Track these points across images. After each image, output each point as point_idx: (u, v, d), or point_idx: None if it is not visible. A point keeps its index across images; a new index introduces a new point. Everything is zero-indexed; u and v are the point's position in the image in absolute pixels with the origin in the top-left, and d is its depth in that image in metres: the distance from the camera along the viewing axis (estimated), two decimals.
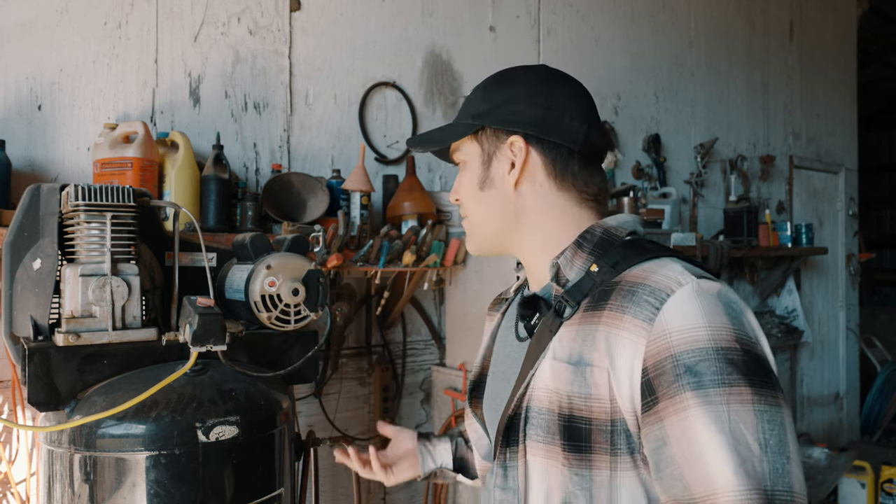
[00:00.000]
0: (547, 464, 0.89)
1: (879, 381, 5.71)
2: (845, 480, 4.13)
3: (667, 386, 0.78)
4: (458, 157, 1.06)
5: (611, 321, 0.84)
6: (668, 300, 0.80)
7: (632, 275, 0.87)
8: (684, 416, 0.76)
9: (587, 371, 0.84)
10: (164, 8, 2.09)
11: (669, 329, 0.79)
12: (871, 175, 8.20)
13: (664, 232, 2.86)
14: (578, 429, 0.85)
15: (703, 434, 0.75)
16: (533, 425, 0.91)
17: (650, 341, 0.79)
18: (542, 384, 0.91)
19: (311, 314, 1.46)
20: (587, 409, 0.84)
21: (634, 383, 0.81)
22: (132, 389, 1.24)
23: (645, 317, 0.81)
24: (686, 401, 0.76)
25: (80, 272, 1.29)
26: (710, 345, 0.77)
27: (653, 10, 3.76)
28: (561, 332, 0.91)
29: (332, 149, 2.46)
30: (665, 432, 0.78)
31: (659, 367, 0.79)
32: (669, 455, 0.78)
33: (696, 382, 0.76)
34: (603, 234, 0.96)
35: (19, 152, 1.84)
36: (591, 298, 0.90)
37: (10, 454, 1.80)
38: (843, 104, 5.36)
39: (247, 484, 1.32)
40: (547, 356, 0.92)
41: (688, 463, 0.76)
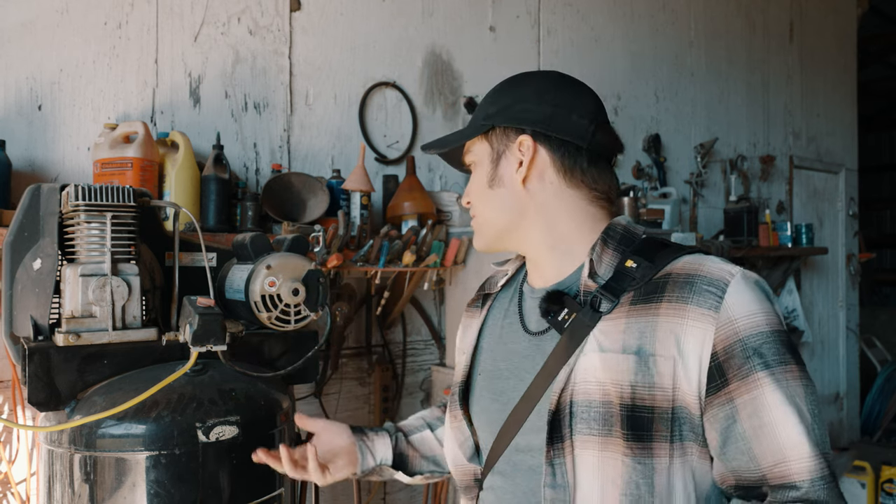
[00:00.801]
0: (602, 456, 0.89)
1: (879, 381, 5.71)
2: (845, 480, 4.13)
3: (738, 368, 0.85)
4: (469, 159, 1.08)
5: (673, 312, 0.88)
6: (728, 289, 0.87)
7: (679, 268, 0.91)
8: (757, 395, 0.84)
9: (650, 361, 0.87)
10: (164, 8, 2.09)
11: (734, 316, 0.86)
12: (871, 175, 8.20)
13: (664, 232, 2.86)
14: (641, 418, 0.87)
15: (775, 409, 0.84)
16: (583, 419, 0.90)
17: (718, 328, 0.86)
18: (592, 377, 0.91)
19: (311, 314, 1.46)
20: (650, 398, 0.87)
21: (703, 368, 0.86)
22: (132, 389, 1.24)
23: (710, 305, 0.86)
24: (758, 380, 0.84)
25: (80, 272, 1.29)
26: (768, 328, 0.86)
27: (653, 10, 3.76)
28: (602, 326, 0.92)
29: (333, 149, 2.46)
30: (736, 410, 0.85)
31: (729, 350, 0.85)
32: (738, 431, 0.85)
33: (764, 363, 0.84)
34: (624, 231, 1.01)
35: (19, 152, 1.84)
36: (636, 293, 0.92)
37: (11, 454, 1.80)
38: (843, 104, 5.36)
39: (247, 484, 1.32)
40: (589, 350, 0.92)
41: (756, 437, 0.84)
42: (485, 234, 1.07)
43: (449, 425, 1.14)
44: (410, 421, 1.32)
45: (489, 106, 1.05)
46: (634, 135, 3.62)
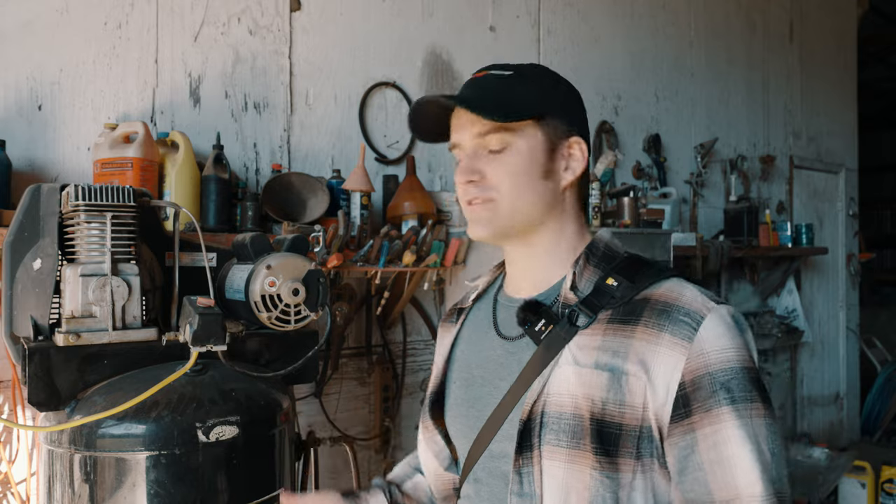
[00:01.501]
0: (569, 468, 0.89)
1: (880, 382, 5.71)
2: (845, 480, 4.13)
3: (703, 400, 0.86)
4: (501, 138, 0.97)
5: (647, 336, 0.89)
6: (704, 322, 0.88)
7: (659, 294, 0.92)
8: (718, 428, 0.85)
9: (623, 379, 0.89)
10: (164, 8, 2.09)
11: (706, 349, 0.87)
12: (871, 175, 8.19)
13: (664, 232, 2.86)
14: (610, 434, 0.89)
15: (734, 444, 0.85)
16: (552, 430, 0.91)
17: (689, 358, 0.87)
18: (565, 389, 0.91)
19: (312, 314, 1.46)
20: (620, 416, 0.89)
21: (670, 395, 0.87)
22: (132, 389, 1.24)
23: (684, 335, 0.88)
24: (721, 414, 0.85)
25: (80, 272, 1.29)
26: (738, 365, 0.87)
27: (653, 10, 3.76)
28: (578, 340, 0.93)
29: (333, 149, 2.46)
30: (696, 441, 0.86)
31: (696, 382, 0.87)
32: (696, 461, 0.86)
33: (730, 399, 0.86)
34: (605, 249, 1.01)
35: (19, 152, 1.84)
36: (614, 311, 0.93)
37: (11, 454, 1.80)
38: (843, 104, 5.36)
39: (247, 484, 1.32)
40: (564, 362, 0.93)
41: (713, 470, 0.86)
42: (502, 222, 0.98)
43: (422, 437, 1.13)
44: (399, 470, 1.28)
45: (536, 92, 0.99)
46: (634, 135, 3.62)
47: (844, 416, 5.28)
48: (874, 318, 6.64)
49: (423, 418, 1.12)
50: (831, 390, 5.17)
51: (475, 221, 1.00)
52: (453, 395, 1.09)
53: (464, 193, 1.00)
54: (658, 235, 2.78)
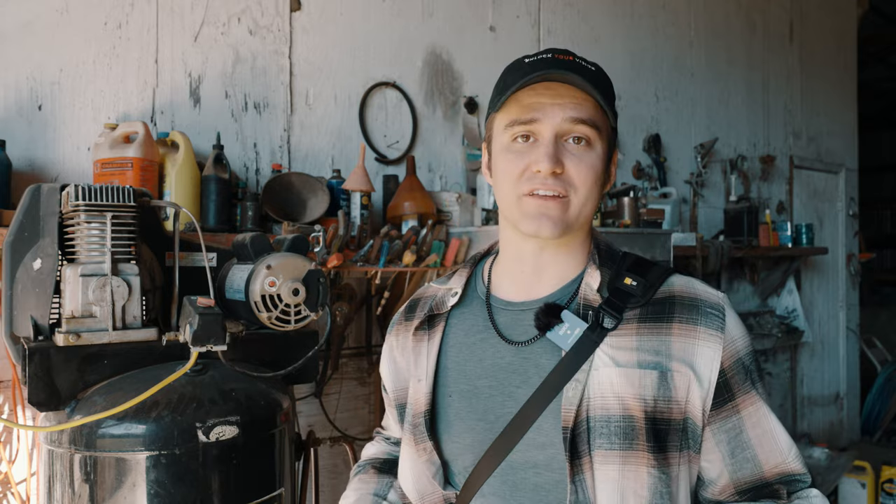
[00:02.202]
0: (623, 470, 0.89)
1: (880, 381, 5.71)
2: (845, 480, 4.13)
3: (741, 383, 0.94)
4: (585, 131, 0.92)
5: (685, 332, 0.93)
6: (725, 313, 0.95)
7: (679, 290, 0.97)
8: (757, 406, 0.95)
9: (668, 375, 0.91)
10: (164, 8, 2.09)
11: (733, 337, 0.94)
12: (871, 175, 8.19)
13: (664, 232, 2.86)
14: (661, 430, 0.91)
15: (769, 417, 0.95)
16: (602, 434, 0.89)
17: (724, 347, 0.93)
18: (610, 391, 0.90)
19: (312, 314, 1.46)
20: (668, 412, 0.91)
21: (712, 383, 0.92)
22: (132, 389, 1.24)
23: (716, 327, 0.93)
24: (756, 393, 0.95)
25: (80, 272, 1.29)
26: (751, 347, 0.97)
27: (653, 10, 3.76)
28: (611, 342, 0.93)
29: (333, 149, 2.46)
30: (742, 421, 0.94)
31: (733, 368, 0.93)
32: (744, 440, 0.94)
33: (755, 379, 0.95)
34: (606, 247, 1.03)
35: (20, 152, 1.84)
36: (641, 311, 0.95)
37: (11, 454, 1.80)
38: (843, 104, 5.36)
39: (247, 484, 1.32)
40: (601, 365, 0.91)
41: (760, 443, 0.94)
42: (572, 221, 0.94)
43: (414, 458, 1.02)
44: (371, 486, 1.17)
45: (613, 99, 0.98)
46: (634, 135, 3.62)
47: (844, 416, 5.28)
48: (874, 318, 6.65)
49: (418, 439, 1.02)
50: (831, 390, 5.17)
51: (546, 217, 0.92)
52: (452, 408, 1.00)
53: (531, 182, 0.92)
54: (658, 235, 2.78)
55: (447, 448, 1.01)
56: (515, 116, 0.93)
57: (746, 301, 4.31)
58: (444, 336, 1.05)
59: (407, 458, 1.05)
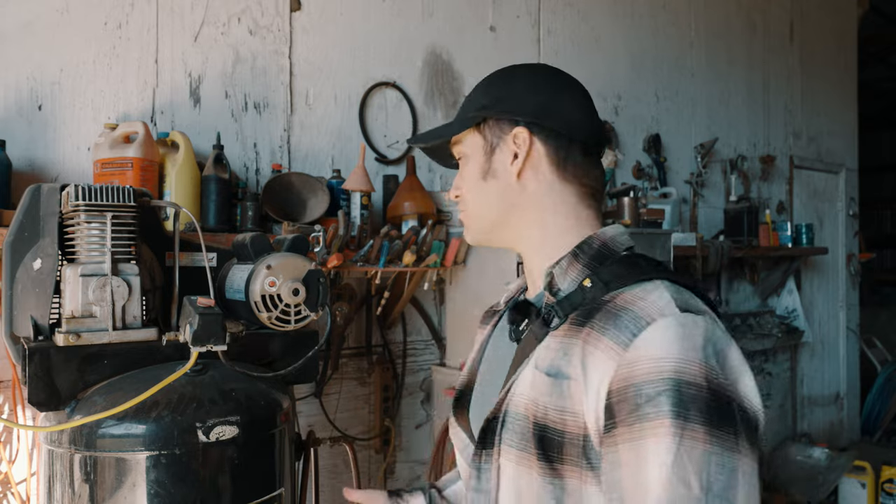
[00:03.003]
0: (518, 470, 0.89)
1: (880, 382, 5.70)
2: (845, 480, 4.13)
3: (627, 413, 0.78)
4: (459, 152, 1.06)
5: (590, 339, 0.85)
6: (647, 328, 0.80)
7: (621, 297, 0.87)
8: (637, 445, 0.77)
9: (564, 384, 0.85)
10: (164, 8, 2.09)
11: (639, 357, 0.79)
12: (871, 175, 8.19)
13: (664, 232, 2.86)
14: (551, 440, 0.85)
15: (650, 466, 0.75)
16: (509, 430, 0.91)
17: (620, 366, 0.80)
18: (522, 391, 0.92)
19: (312, 314, 1.46)
20: (561, 422, 0.85)
21: (600, 404, 0.81)
22: (132, 389, 1.24)
23: (621, 341, 0.81)
24: (642, 430, 0.76)
25: (80, 272, 1.29)
26: (674, 377, 0.77)
27: (653, 10, 3.76)
28: (546, 342, 0.92)
29: (333, 149, 2.46)
30: (619, 457, 0.78)
31: (622, 392, 0.79)
32: (619, 479, 0.79)
33: (654, 413, 0.76)
34: (601, 247, 0.96)
35: (20, 152, 1.84)
36: (578, 314, 0.90)
37: (11, 454, 1.80)
38: (843, 104, 5.36)
39: (247, 484, 1.32)
40: (529, 364, 0.93)
41: (632, 491, 0.77)
42: (475, 227, 1.06)
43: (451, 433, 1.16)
44: (446, 476, 1.32)
45: (481, 97, 1.04)
46: (635, 135, 3.62)
47: (844, 416, 5.27)
48: (874, 318, 6.64)
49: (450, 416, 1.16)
50: (831, 390, 5.16)
51: (465, 228, 1.09)
52: (476, 393, 1.11)
53: None
54: (658, 235, 2.78)
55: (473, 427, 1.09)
56: None
57: (746, 301, 4.32)
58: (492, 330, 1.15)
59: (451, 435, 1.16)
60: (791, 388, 4.69)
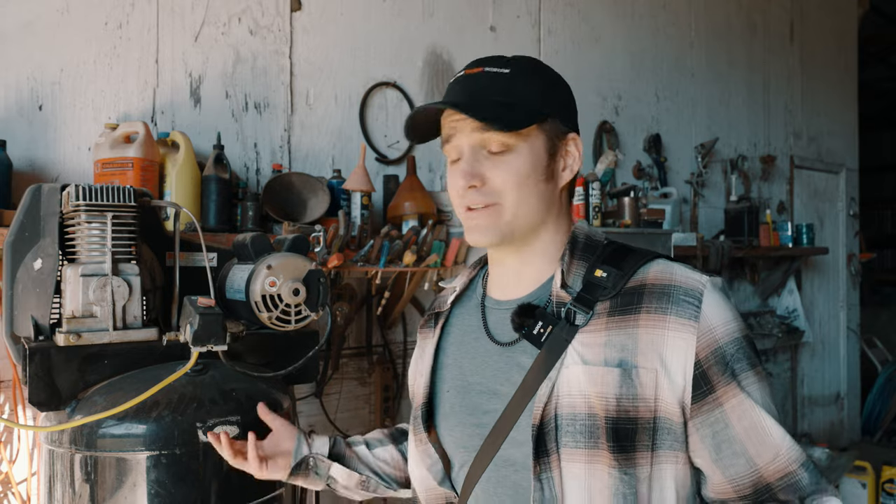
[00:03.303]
0: (589, 468, 0.89)
1: (880, 382, 5.71)
2: (846, 480, 4.13)
3: (721, 374, 0.88)
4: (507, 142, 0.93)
5: (653, 323, 0.89)
6: (703, 298, 0.89)
7: (652, 278, 0.92)
8: (742, 398, 0.88)
9: (633, 373, 0.88)
10: (164, 8, 2.09)
11: (712, 324, 0.89)
12: (871, 175, 8.19)
13: (665, 232, 2.86)
14: (626, 430, 0.88)
15: (758, 409, 0.88)
16: (568, 432, 0.90)
17: (699, 337, 0.88)
18: (577, 390, 0.90)
19: (312, 314, 1.46)
20: (634, 410, 0.88)
21: (688, 377, 0.88)
22: (133, 389, 1.24)
23: (689, 315, 0.88)
24: (741, 384, 0.88)
25: (80, 272, 1.29)
26: (740, 334, 0.90)
27: (654, 11, 3.76)
28: (581, 338, 0.92)
29: (333, 149, 2.46)
30: (725, 414, 0.88)
31: (711, 358, 0.88)
32: (731, 435, 0.88)
33: (742, 367, 0.89)
34: (586, 239, 1.00)
35: (20, 152, 1.84)
36: (611, 303, 0.92)
37: (11, 454, 1.80)
38: (843, 104, 5.36)
39: (247, 484, 1.32)
40: (570, 363, 0.91)
41: (749, 438, 0.88)
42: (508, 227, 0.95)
43: (414, 449, 1.08)
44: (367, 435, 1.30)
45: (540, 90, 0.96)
46: (635, 135, 3.62)
47: (845, 416, 5.27)
48: (875, 318, 6.64)
49: (416, 430, 1.08)
50: (832, 390, 5.16)
51: (475, 229, 0.96)
52: (447, 403, 1.05)
53: (461, 199, 0.96)
54: (659, 235, 2.78)
55: (445, 441, 1.05)
56: (444, 136, 0.99)
57: (747, 301, 4.31)
58: (443, 333, 1.09)
59: (411, 451, 1.10)
60: (791, 388, 4.69)
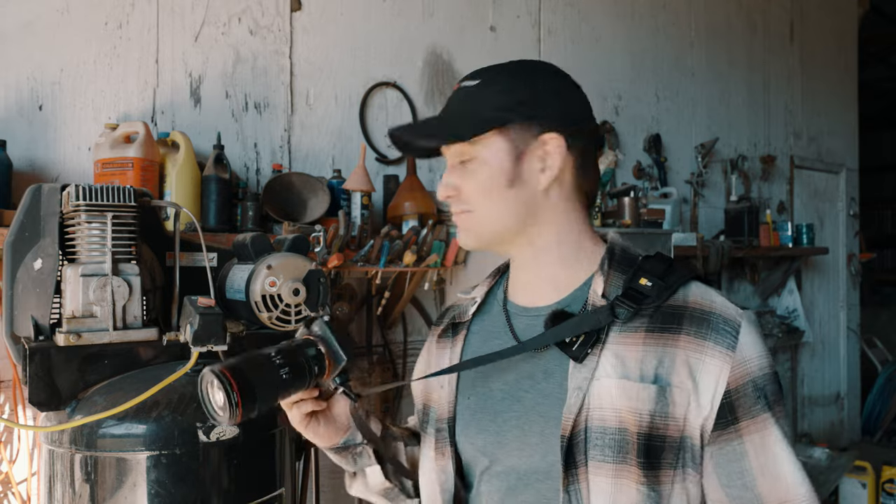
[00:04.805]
0: (616, 483, 0.88)
1: (880, 382, 5.70)
2: (846, 480, 4.13)
3: (748, 407, 0.89)
4: (467, 152, 0.95)
5: (692, 346, 0.90)
6: (741, 330, 0.91)
7: (693, 302, 0.93)
8: (765, 434, 0.89)
9: (668, 391, 0.89)
10: (164, 8, 2.09)
11: (747, 357, 0.90)
12: (871, 175, 8.19)
13: (665, 232, 2.86)
14: (656, 447, 0.88)
15: (778, 448, 0.89)
16: (597, 445, 0.89)
17: (734, 367, 0.89)
18: (608, 403, 0.89)
19: (312, 314, 1.46)
20: (664, 428, 0.89)
21: (715, 403, 0.89)
22: (133, 389, 1.24)
23: (727, 344, 0.89)
24: (766, 420, 0.89)
25: (81, 272, 1.29)
26: (770, 370, 0.91)
27: (654, 10, 3.76)
28: (616, 349, 0.90)
29: (333, 149, 2.46)
30: (744, 447, 0.89)
31: (741, 389, 0.89)
32: (745, 467, 0.89)
33: (768, 404, 0.90)
34: (622, 252, 1.00)
35: (20, 152, 1.84)
36: (651, 319, 0.91)
37: (12, 454, 1.80)
38: (843, 104, 5.36)
39: (247, 484, 1.32)
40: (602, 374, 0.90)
41: (763, 474, 0.89)
42: (485, 232, 0.98)
43: (433, 463, 1.05)
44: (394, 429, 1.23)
45: (499, 96, 0.96)
46: (635, 135, 3.62)
47: (845, 416, 5.27)
48: (875, 318, 6.64)
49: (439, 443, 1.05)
50: (832, 390, 5.16)
51: (460, 230, 1.01)
52: (469, 410, 1.03)
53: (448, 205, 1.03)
54: (659, 235, 2.78)
55: (464, 449, 1.03)
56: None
57: (747, 301, 4.31)
58: (465, 344, 1.07)
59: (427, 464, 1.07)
60: (791, 388, 4.69)
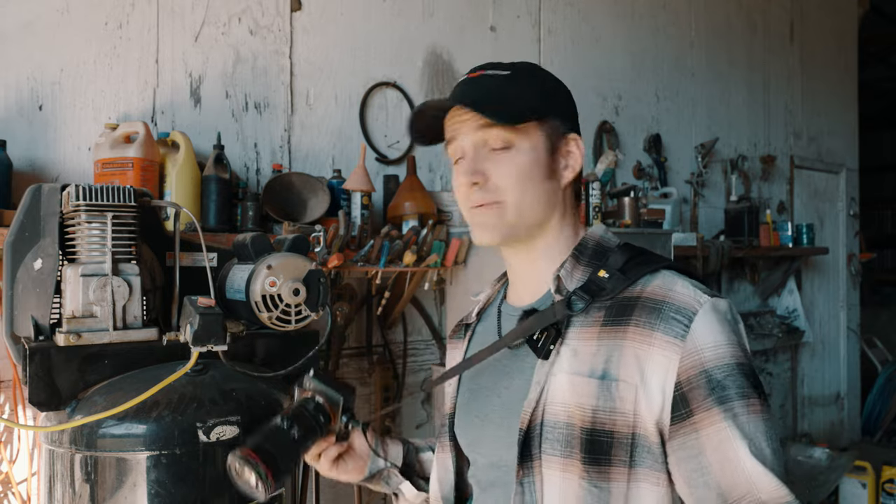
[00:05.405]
0: (563, 477, 0.89)
1: (880, 382, 5.70)
2: (846, 481, 4.13)
3: (702, 399, 0.84)
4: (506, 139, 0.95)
5: (639, 337, 0.87)
6: (695, 318, 0.86)
7: (650, 291, 0.90)
8: (721, 427, 0.83)
9: (613, 385, 0.87)
10: (164, 8, 2.09)
11: (700, 346, 0.85)
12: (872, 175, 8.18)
13: (665, 232, 2.86)
14: (600, 442, 0.87)
15: (737, 443, 0.83)
16: (548, 439, 0.90)
17: (683, 357, 0.85)
18: (560, 398, 0.90)
19: (312, 314, 1.46)
20: (611, 423, 0.87)
21: (667, 397, 0.86)
22: (133, 389, 1.24)
23: (676, 334, 0.86)
24: (722, 412, 0.83)
25: (81, 272, 1.29)
26: (732, 360, 0.85)
27: (654, 10, 3.76)
28: (575, 344, 0.91)
29: (333, 149, 2.46)
30: (701, 442, 0.84)
31: (693, 381, 0.85)
32: (706, 464, 0.84)
33: (727, 395, 0.84)
34: (595, 245, 1.00)
35: (20, 152, 1.84)
36: (606, 312, 0.91)
37: (12, 454, 1.80)
38: (843, 104, 5.36)
39: None
40: (558, 370, 0.91)
41: (723, 471, 0.83)
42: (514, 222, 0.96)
43: (437, 455, 1.14)
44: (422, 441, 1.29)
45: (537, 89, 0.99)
46: (635, 135, 3.62)
47: (845, 416, 5.27)
48: (875, 318, 6.64)
49: (441, 437, 1.13)
50: (832, 390, 5.16)
51: (481, 226, 0.97)
52: (463, 406, 1.08)
53: (466, 197, 0.97)
54: (659, 235, 2.78)
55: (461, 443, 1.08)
56: (447, 137, 1.00)
57: (747, 301, 4.31)
58: (469, 343, 1.12)
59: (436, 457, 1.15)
60: (791, 388, 4.69)
